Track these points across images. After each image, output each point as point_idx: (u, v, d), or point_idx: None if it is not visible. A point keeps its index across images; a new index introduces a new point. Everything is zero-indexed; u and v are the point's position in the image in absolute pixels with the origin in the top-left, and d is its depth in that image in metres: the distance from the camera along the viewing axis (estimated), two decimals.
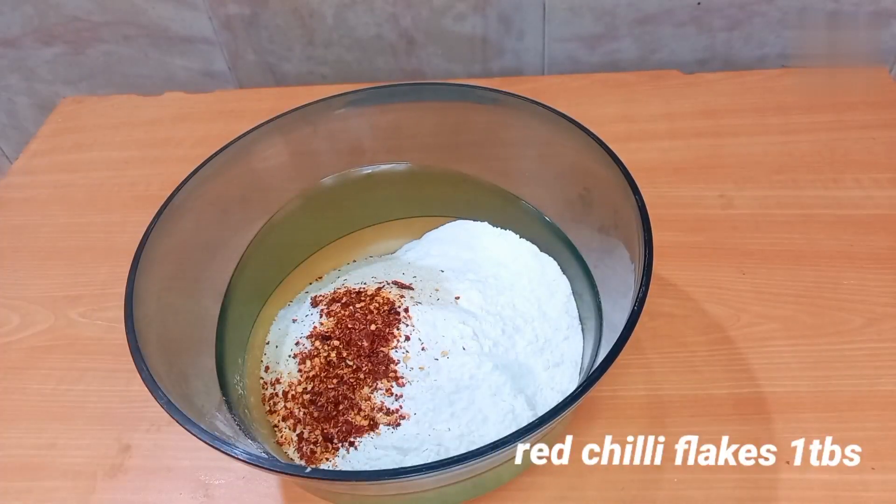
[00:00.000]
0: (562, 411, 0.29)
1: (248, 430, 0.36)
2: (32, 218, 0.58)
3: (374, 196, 0.48)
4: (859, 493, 0.37)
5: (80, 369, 0.47)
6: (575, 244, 0.43)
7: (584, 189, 0.42)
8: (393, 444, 0.36)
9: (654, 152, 0.57)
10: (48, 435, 0.43)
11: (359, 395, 0.38)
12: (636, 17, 0.64)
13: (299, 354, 0.40)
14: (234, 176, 0.42)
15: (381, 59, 0.69)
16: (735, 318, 0.45)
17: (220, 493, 0.40)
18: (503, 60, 0.69)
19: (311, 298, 0.43)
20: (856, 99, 0.59)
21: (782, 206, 0.52)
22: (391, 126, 0.46)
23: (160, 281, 0.36)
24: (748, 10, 0.63)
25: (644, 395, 0.42)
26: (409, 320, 0.40)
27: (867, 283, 0.46)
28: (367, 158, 0.47)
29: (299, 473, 0.28)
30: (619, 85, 0.64)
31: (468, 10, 0.64)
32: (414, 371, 0.38)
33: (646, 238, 0.33)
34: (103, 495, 0.40)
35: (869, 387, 0.41)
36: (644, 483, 0.38)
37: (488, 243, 0.46)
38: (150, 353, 0.32)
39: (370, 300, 0.41)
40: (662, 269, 0.48)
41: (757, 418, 0.40)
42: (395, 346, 0.39)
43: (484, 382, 0.38)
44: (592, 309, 0.40)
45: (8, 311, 0.51)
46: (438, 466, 0.27)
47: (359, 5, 0.65)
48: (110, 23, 0.69)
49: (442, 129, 0.47)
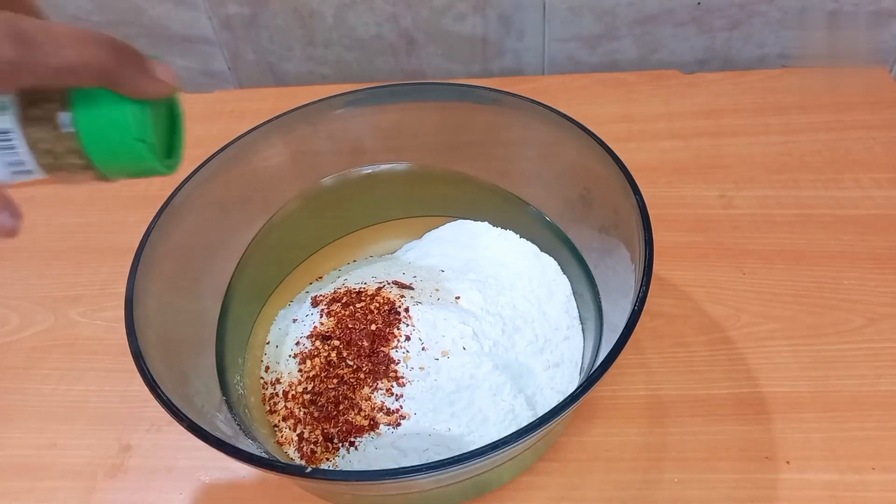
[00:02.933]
0: (562, 411, 0.29)
1: (248, 430, 0.36)
2: (32, 218, 0.58)
3: (374, 196, 0.48)
4: (859, 493, 0.37)
5: (80, 369, 0.47)
6: (575, 244, 0.43)
7: (585, 189, 0.42)
8: (393, 444, 0.36)
9: (654, 152, 0.57)
10: (48, 435, 0.43)
11: (359, 395, 0.38)
12: (636, 17, 0.64)
13: (299, 354, 0.40)
14: (234, 176, 0.42)
15: (381, 59, 0.69)
16: (735, 318, 0.45)
17: (220, 493, 0.40)
18: (503, 60, 0.69)
19: (312, 298, 0.43)
20: (856, 99, 0.59)
21: (782, 206, 0.52)
22: (391, 126, 0.46)
23: (160, 281, 0.36)
24: (748, 10, 0.63)
25: (644, 395, 0.42)
26: (409, 320, 0.40)
27: (867, 283, 0.46)
28: (367, 158, 0.47)
29: (299, 473, 0.28)
30: (619, 85, 0.64)
31: (468, 10, 0.64)
32: (414, 371, 0.38)
33: (646, 238, 0.33)
34: (103, 495, 0.40)
35: (869, 387, 0.41)
36: (644, 483, 0.38)
37: (488, 243, 0.46)
38: (150, 353, 0.32)
39: (370, 300, 0.41)
40: (662, 269, 0.48)
41: (757, 418, 0.40)
42: (395, 345, 0.39)
43: (484, 382, 0.38)
44: (592, 309, 0.40)
45: (8, 311, 0.51)
46: (438, 466, 0.27)
47: (359, 5, 0.65)
48: (110, 22, 0.69)
49: (442, 129, 0.46)
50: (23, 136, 0.20)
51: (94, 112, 0.20)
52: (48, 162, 0.20)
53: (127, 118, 0.20)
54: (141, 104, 0.20)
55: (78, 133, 0.20)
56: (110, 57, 0.19)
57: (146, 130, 0.20)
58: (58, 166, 0.20)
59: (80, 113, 0.20)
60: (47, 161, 0.20)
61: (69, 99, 0.20)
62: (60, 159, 0.20)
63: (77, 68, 0.19)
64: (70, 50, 0.18)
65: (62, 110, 0.20)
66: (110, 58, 0.19)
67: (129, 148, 0.20)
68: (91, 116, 0.20)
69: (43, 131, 0.20)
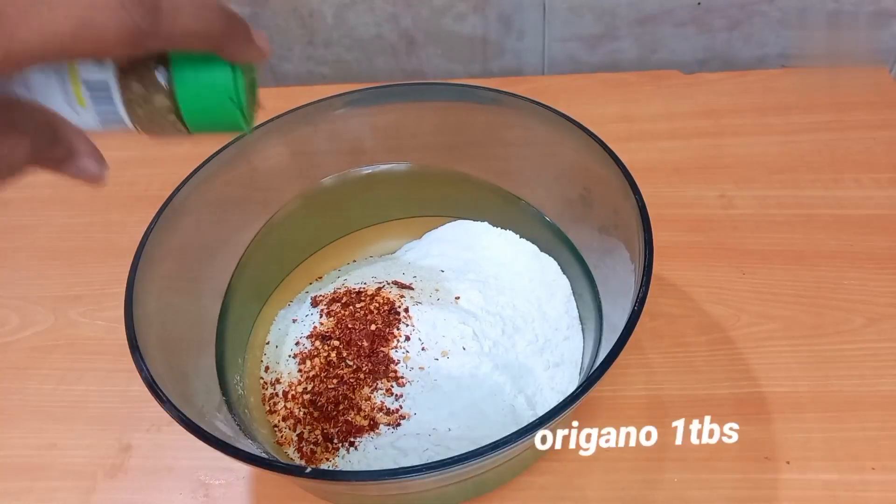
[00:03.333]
0: (562, 411, 0.29)
1: (248, 430, 0.36)
2: (32, 218, 0.58)
3: (374, 196, 0.48)
4: (859, 493, 0.37)
5: (80, 369, 0.47)
6: (575, 244, 0.43)
7: (584, 189, 0.41)
8: (393, 444, 0.36)
9: (654, 152, 0.57)
10: (48, 435, 0.43)
11: (359, 395, 0.38)
12: (636, 17, 0.64)
13: (299, 354, 0.40)
14: (234, 176, 0.42)
15: (381, 59, 0.69)
16: (735, 318, 0.45)
17: (220, 493, 0.40)
18: (503, 60, 0.69)
19: (311, 298, 0.43)
20: (856, 99, 0.59)
21: (782, 206, 0.52)
22: (391, 126, 0.46)
23: (160, 281, 0.36)
24: (748, 10, 0.63)
25: (644, 395, 0.42)
26: (409, 320, 0.40)
27: (867, 283, 0.46)
28: (367, 158, 0.47)
29: (299, 473, 0.28)
30: (619, 85, 0.64)
31: (468, 10, 0.64)
32: (414, 371, 0.38)
33: (646, 238, 0.33)
34: (103, 495, 0.40)
35: (869, 387, 0.41)
36: (644, 483, 0.38)
37: (488, 243, 0.46)
38: (150, 353, 0.32)
39: (370, 300, 0.41)
40: (662, 269, 0.48)
41: (757, 418, 0.40)
42: (395, 346, 0.39)
43: (484, 382, 0.38)
44: (592, 309, 0.40)
45: (8, 311, 0.51)
46: (438, 466, 0.27)
47: (359, 5, 0.65)
48: None
49: (442, 129, 0.46)
50: (118, 90, 0.21)
51: (192, 72, 0.21)
52: (139, 115, 0.22)
53: (226, 80, 0.21)
54: (235, 67, 0.22)
55: (173, 90, 0.21)
56: (223, 25, 0.21)
57: (238, 91, 0.22)
58: (147, 119, 0.22)
59: (178, 72, 0.21)
60: (138, 114, 0.22)
61: (167, 57, 0.21)
62: (151, 113, 0.21)
63: (193, 35, 0.20)
64: (190, 19, 0.20)
65: (160, 67, 0.21)
66: (223, 26, 0.21)
67: (222, 107, 0.21)
68: (189, 76, 0.21)
69: (139, 86, 0.21)
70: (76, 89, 0.22)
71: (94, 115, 0.22)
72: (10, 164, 0.20)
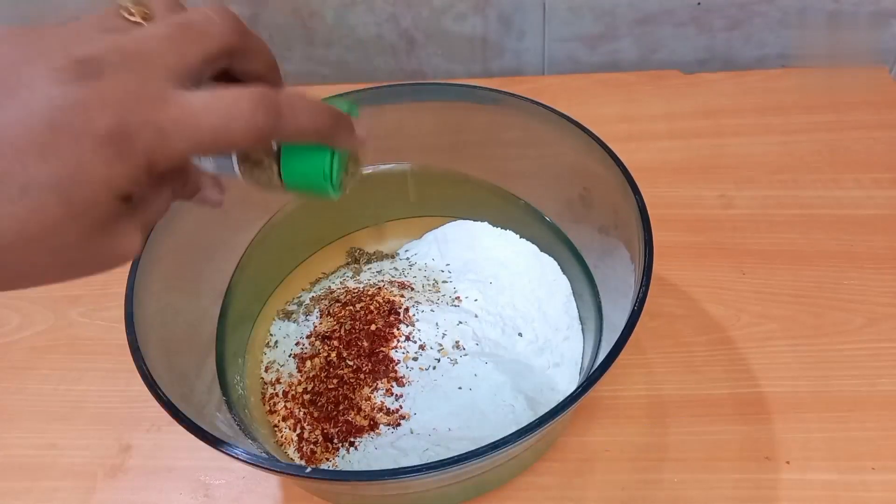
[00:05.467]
0: (562, 411, 0.29)
1: (248, 430, 0.36)
2: None
3: (374, 196, 0.48)
4: (859, 493, 0.37)
5: (80, 369, 0.47)
6: (575, 244, 0.43)
7: (584, 189, 0.41)
8: (393, 444, 0.36)
9: (654, 152, 0.57)
10: (48, 435, 0.43)
11: (359, 395, 0.38)
12: (636, 17, 0.64)
13: (299, 354, 0.40)
14: None
15: (381, 59, 0.69)
16: (735, 318, 0.45)
17: (220, 493, 0.40)
18: (503, 60, 0.69)
19: (311, 298, 0.43)
20: (856, 99, 0.59)
21: (782, 206, 0.52)
22: (391, 126, 0.46)
23: (160, 281, 0.36)
24: (748, 10, 0.62)
25: (644, 395, 0.42)
26: (409, 320, 0.40)
27: (867, 283, 0.46)
28: (367, 158, 0.47)
29: (299, 473, 0.28)
30: (619, 85, 0.64)
31: (468, 10, 0.64)
32: (414, 371, 0.38)
33: (646, 238, 0.33)
34: (103, 495, 0.40)
35: (869, 387, 0.41)
36: (644, 483, 0.38)
37: (488, 243, 0.46)
38: (150, 353, 0.32)
39: (370, 300, 0.41)
40: (662, 269, 0.48)
41: (757, 418, 0.40)
42: (395, 346, 0.39)
43: (484, 382, 0.38)
44: (592, 309, 0.40)
45: (8, 311, 0.51)
46: (438, 466, 0.27)
47: (359, 5, 0.65)
48: None
49: (442, 129, 0.46)
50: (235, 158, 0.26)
51: (297, 151, 0.26)
52: (248, 170, 0.26)
53: (324, 163, 0.25)
54: (334, 151, 0.26)
55: (279, 159, 0.26)
56: (331, 123, 0.25)
57: (333, 170, 0.26)
58: (254, 176, 0.26)
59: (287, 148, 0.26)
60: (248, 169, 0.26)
61: None
62: (259, 174, 0.26)
63: (306, 132, 0.24)
64: (305, 118, 0.23)
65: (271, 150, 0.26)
66: (331, 124, 0.25)
67: (317, 181, 0.26)
68: (294, 153, 0.26)
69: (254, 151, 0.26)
70: None
71: (212, 164, 0.27)
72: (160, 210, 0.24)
